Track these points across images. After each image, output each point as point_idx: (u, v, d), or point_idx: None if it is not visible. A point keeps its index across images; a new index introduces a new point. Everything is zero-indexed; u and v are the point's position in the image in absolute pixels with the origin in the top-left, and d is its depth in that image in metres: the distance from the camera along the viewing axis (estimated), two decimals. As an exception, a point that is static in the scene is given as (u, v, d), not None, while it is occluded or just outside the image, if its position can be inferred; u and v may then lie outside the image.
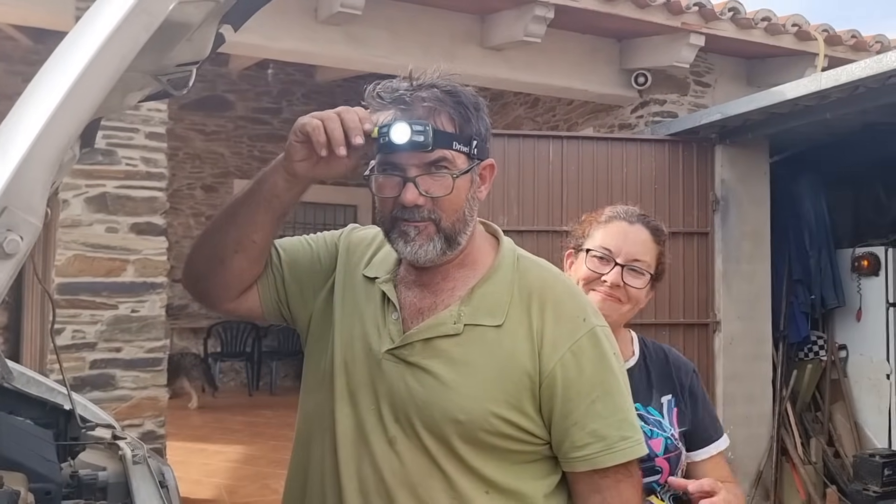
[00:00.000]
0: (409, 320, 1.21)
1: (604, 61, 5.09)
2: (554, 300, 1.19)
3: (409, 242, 1.17)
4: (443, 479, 1.15)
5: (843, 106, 4.05)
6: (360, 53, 4.60)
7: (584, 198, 4.70)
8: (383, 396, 1.18)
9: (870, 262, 5.23)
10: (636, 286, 1.48)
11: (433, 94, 1.16)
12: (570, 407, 1.15)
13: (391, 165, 1.16)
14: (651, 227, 1.53)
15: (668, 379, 1.51)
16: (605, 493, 1.16)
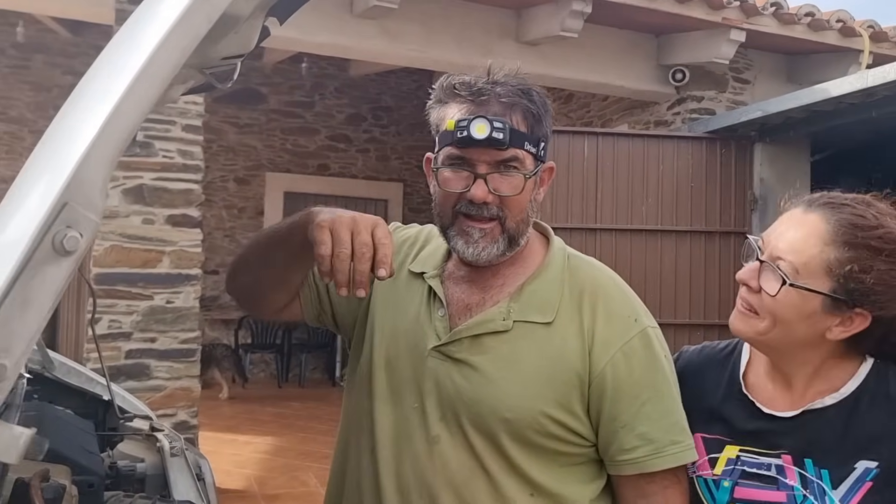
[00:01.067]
0: (456, 316, 1.19)
1: (641, 57, 5.02)
2: (605, 299, 1.17)
3: (470, 244, 1.15)
4: (487, 479, 1.13)
5: (889, 104, 3.95)
6: (394, 48, 4.59)
7: (619, 195, 4.65)
8: (429, 394, 1.17)
9: (913, 265, 5.10)
10: (767, 289, 1.08)
11: (509, 91, 1.14)
12: (620, 408, 1.12)
13: (460, 160, 1.14)
14: (837, 219, 1.06)
15: (884, 441, 1.05)
16: (650, 498, 1.13)
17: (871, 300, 1.05)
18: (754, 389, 1.16)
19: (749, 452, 1.12)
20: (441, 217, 1.19)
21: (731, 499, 1.11)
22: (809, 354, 1.11)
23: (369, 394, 1.22)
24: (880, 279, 1.04)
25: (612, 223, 4.63)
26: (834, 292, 1.05)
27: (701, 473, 1.15)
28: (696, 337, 4.40)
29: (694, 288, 4.65)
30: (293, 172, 8.30)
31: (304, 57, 7.33)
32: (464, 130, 1.09)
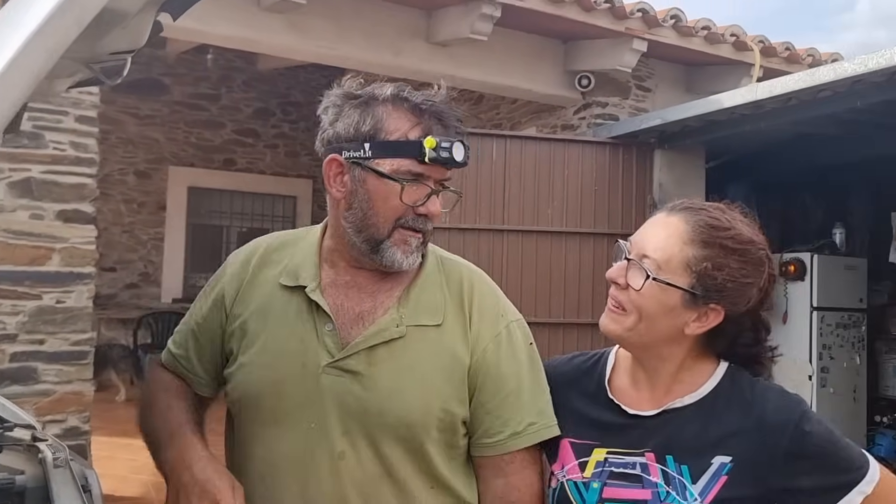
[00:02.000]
0: (347, 326, 1.19)
1: (549, 62, 5.13)
2: (479, 297, 1.24)
3: (408, 254, 1.18)
4: (394, 483, 1.16)
5: (776, 116, 4.19)
6: (303, 43, 4.51)
7: (527, 197, 4.74)
8: (328, 412, 1.16)
9: (796, 268, 5.43)
10: (633, 285, 1.15)
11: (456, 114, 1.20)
12: (487, 397, 1.20)
13: (421, 176, 1.16)
14: (693, 222, 1.15)
15: (737, 437, 1.12)
16: (509, 477, 1.21)
17: (724, 296, 1.13)
18: (619, 393, 1.23)
19: (616, 454, 1.18)
20: (375, 228, 1.17)
21: (600, 499, 1.16)
22: (671, 350, 1.19)
23: (255, 420, 1.20)
24: (731, 276, 1.13)
25: (519, 224, 4.71)
26: (692, 287, 1.13)
27: (571, 477, 1.20)
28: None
29: (597, 288, 4.78)
30: (198, 167, 8.05)
31: (209, 48, 7.11)
32: (446, 151, 1.14)
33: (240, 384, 1.23)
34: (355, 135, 1.17)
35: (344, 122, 1.19)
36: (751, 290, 1.15)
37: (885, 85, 3.57)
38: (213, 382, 1.32)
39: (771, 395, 1.16)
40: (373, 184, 1.16)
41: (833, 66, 3.71)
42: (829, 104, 3.91)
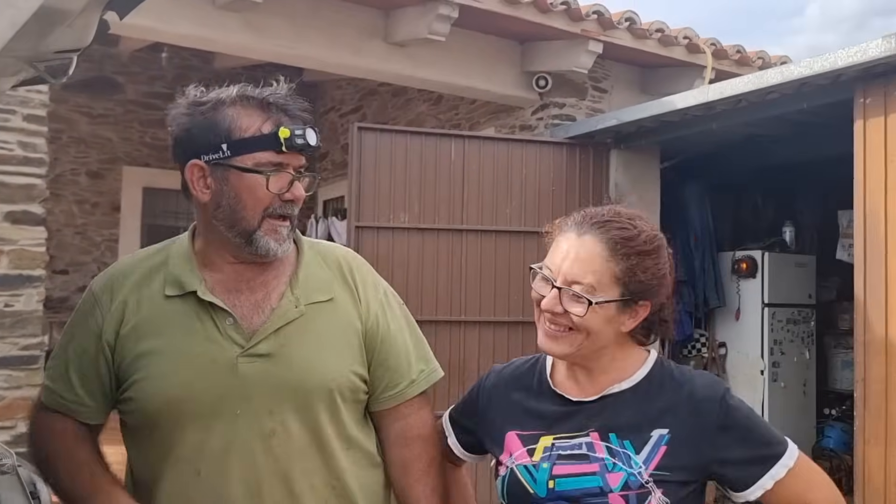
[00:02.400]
0: (248, 317, 1.28)
1: (506, 63, 5.17)
2: (358, 268, 1.40)
3: (280, 241, 1.27)
4: (320, 449, 1.28)
5: (727, 117, 4.28)
6: (261, 42, 4.47)
7: (485, 197, 4.76)
8: (250, 397, 1.24)
9: (748, 265, 5.57)
10: (576, 312, 1.22)
11: (303, 106, 1.30)
12: (385, 356, 1.36)
13: (281, 165, 1.25)
14: (609, 237, 1.23)
15: (671, 413, 1.24)
16: (408, 419, 1.39)
17: (649, 292, 1.27)
18: (561, 386, 1.34)
19: (561, 438, 1.28)
20: (245, 221, 1.26)
21: (551, 477, 1.25)
22: (611, 350, 1.31)
23: (175, 426, 1.24)
24: (652, 275, 1.26)
25: (478, 224, 4.73)
26: (623, 296, 1.24)
27: (520, 462, 1.29)
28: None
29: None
30: (153, 167, 7.89)
31: (164, 47, 6.98)
32: (300, 138, 1.23)
33: (150, 397, 1.25)
34: (211, 138, 1.25)
35: (198, 129, 1.26)
36: (667, 278, 1.29)
37: (830, 87, 3.68)
38: (103, 409, 1.34)
39: (696, 376, 1.32)
40: (237, 180, 1.24)
41: (780, 69, 3.81)
42: (777, 106, 4.02)
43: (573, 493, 1.22)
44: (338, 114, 8.22)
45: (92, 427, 1.34)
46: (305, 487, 1.26)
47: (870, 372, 3.43)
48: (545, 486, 1.24)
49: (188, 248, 1.32)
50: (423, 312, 4.41)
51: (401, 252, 4.54)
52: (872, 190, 3.47)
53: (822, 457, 5.50)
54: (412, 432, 1.39)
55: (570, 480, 1.23)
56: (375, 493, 1.37)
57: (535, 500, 1.24)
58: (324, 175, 8.40)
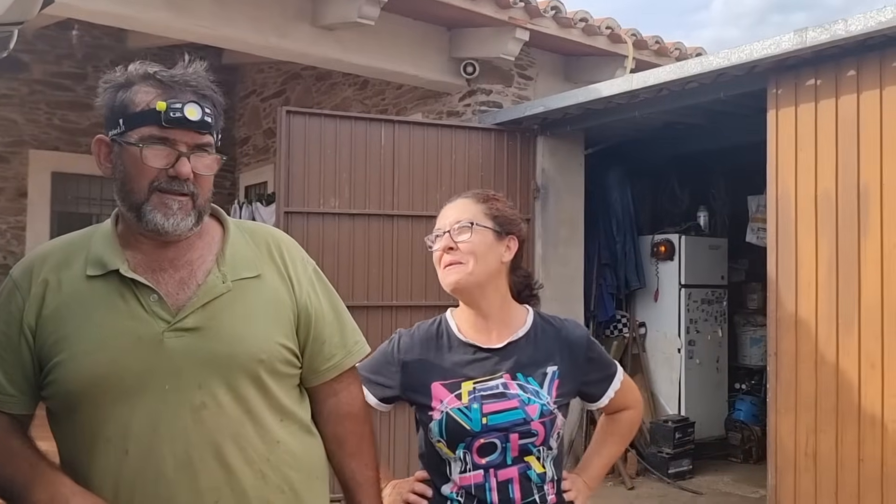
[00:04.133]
0: (173, 294, 1.28)
1: (434, 48, 5.18)
2: (286, 247, 1.44)
3: (169, 216, 1.26)
4: (252, 421, 1.30)
5: (648, 106, 4.45)
6: (182, 22, 4.33)
7: (415, 182, 4.78)
8: (179, 371, 1.25)
9: (666, 248, 5.80)
10: (464, 238, 1.58)
11: (201, 84, 1.28)
12: (321, 329, 1.41)
13: (163, 140, 1.24)
14: (472, 194, 1.67)
15: (555, 352, 1.61)
16: (339, 395, 1.45)
17: (512, 226, 1.64)
18: (469, 337, 1.63)
19: (480, 382, 1.57)
20: (134, 194, 1.27)
21: (483, 414, 1.53)
22: (496, 284, 1.62)
23: (101, 405, 1.23)
24: (509, 213, 1.65)
25: (408, 210, 4.75)
26: (495, 227, 1.61)
27: (453, 406, 1.54)
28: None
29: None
30: (62, 150, 7.52)
31: (74, 24, 6.65)
32: (177, 112, 1.22)
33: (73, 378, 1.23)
34: (112, 114, 1.27)
35: (106, 106, 1.29)
36: (519, 222, 1.68)
37: (744, 78, 3.88)
38: (28, 398, 1.30)
39: (567, 322, 1.70)
40: (126, 154, 1.26)
41: (700, 60, 3.99)
42: (695, 95, 4.20)
43: (504, 425, 1.52)
44: (259, 98, 8.04)
45: (20, 418, 1.30)
46: (239, 460, 1.27)
47: (781, 346, 3.66)
48: (479, 422, 1.52)
49: (111, 230, 1.32)
50: (355, 297, 4.41)
51: (331, 237, 4.52)
52: (784, 176, 3.68)
53: (734, 428, 5.83)
54: (343, 409, 1.45)
55: (500, 416, 1.52)
56: (314, 462, 1.41)
57: (472, 434, 1.52)
58: (245, 160, 8.21)
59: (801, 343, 3.58)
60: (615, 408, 1.72)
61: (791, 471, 3.59)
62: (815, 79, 3.57)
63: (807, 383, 3.55)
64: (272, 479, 1.31)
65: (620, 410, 1.73)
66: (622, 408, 1.73)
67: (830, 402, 3.46)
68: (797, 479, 3.57)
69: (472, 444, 1.53)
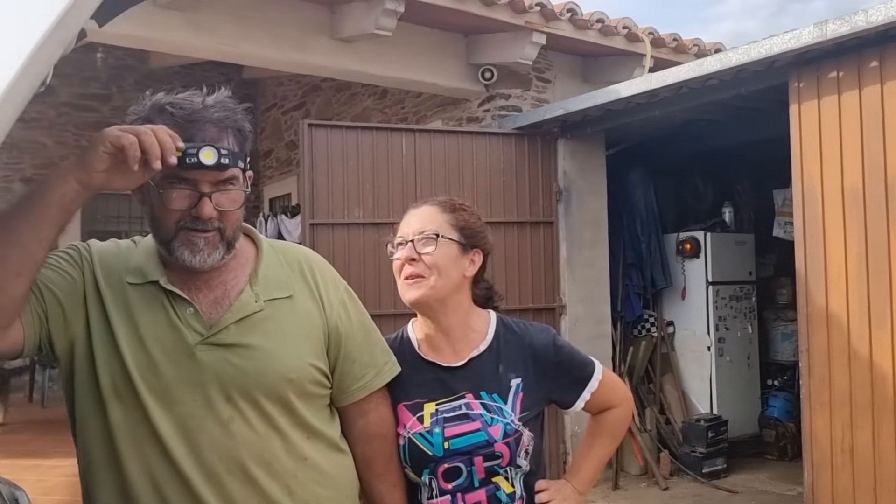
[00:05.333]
0: (207, 311, 1.31)
1: (452, 56, 5.21)
2: (317, 267, 1.45)
3: (196, 252, 1.28)
4: (280, 437, 1.31)
5: (669, 104, 4.43)
6: (204, 41, 4.40)
7: (437, 190, 4.79)
8: (209, 384, 1.27)
9: (692, 246, 5.76)
10: (427, 251, 1.52)
11: (221, 115, 1.28)
12: (350, 348, 1.42)
13: (184, 180, 1.25)
14: (438, 202, 1.60)
15: (519, 362, 1.56)
16: (368, 415, 1.46)
17: (477, 240, 1.58)
18: (429, 356, 1.58)
19: (442, 403, 1.53)
20: (164, 232, 1.29)
21: (445, 438, 1.49)
22: (459, 299, 1.58)
23: (136, 406, 1.26)
24: (475, 224, 1.59)
25: (431, 217, 4.76)
26: (460, 239, 1.56)
27: (415, 431, 1.51)
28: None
29: (509, 275, 4.93)
30: (90, 171, 7.67)
31: (98, 46, 6.79)
32: (192, 157, 1.21)
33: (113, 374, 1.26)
34: None
35: None
36: (487, 235, 1.62)
37: (765, 73, 3.85)
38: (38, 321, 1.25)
39: (531, 328, 1.63)
40: (152, 193, 1.27)
41: (719, 57, 3.96)
42: (716, 92, 4.18)
43: (466, 449, 1.49)
44: (280, 111, 8.12)
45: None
46: (265, 475, 1.29)
47: (813, 342, 3.62)
48: (441, 447, 1.49)
49: (154, 245, 1.34)
50: (382, 306, 4.43)
51: (356, 247, 4.55)
52: (809, 170, 3.65)
53: (767, 425, 5.76)
54: (373, 429, 1.46)
55: (462, 439, 1.49)
56: (344, 481, 1.42)
57: (434, 460, 1.49)
58: (269, 173, 8.30)
59: (834, 338, 3.54)
60: (599, 408, 1.64)
61: (828, 467, 3.55)
62: (837, 71, 3.53)
63: (841, 378, 3.50)
64: (299, 496, 1.32)
65: (606, 410, 1.65)
66: (607, 407, 1.65)
67: (865, 396, 3.41)
68: (834, 475, 3.53)
69: (437, 469, 1.49)
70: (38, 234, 1.16)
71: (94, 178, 1.16)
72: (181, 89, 1.35)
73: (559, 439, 5.05)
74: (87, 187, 1.17)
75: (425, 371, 1.56)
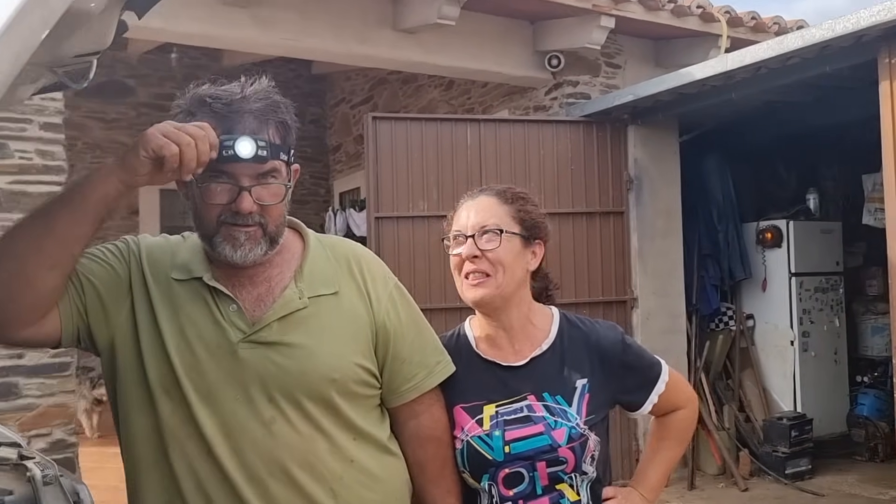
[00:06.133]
0: (250, 308, 1.28)
1: (517, 43, 5.10)
2: (366, 263, 1.39)
3: (237, 247, 1.24)
4: (324, 438, 1.27)
5: (746, 86, 4.21)
6: (269, 37, 4.44)
7: (503, 180, 4.68)
8: (251, 383, 1.24)
9: (773, 235, 5.49)
10: (491, 247, 1.44)
11: (262, 106, 1.24)
12: (400, 347, 1.36)
13: (224, 174, 1.22)
14: (496, 192, 1.51)
15: (585, 361, 1.48)
16: (420, 417, 1.40)
17: (539, 231, 1.51)
18: (489, 354, 1.50)
19: (503, 405, 1.44)
20: (206, 227, 1.26)
21: (505, 442, 1.41)
22: (521, 294, 1.50)
23: (181, 402, 1.24)
24: (536, 214, 1.51)
25: (497, 208, 4.69)
26: (522, 233, 1.48)
27: (474, 434, 1.43)
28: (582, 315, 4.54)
29: (578, 268, 4.80)
30: (168, 168, 7.92)
31: (172, 47, 6.97)
32: (229, 150, 1.18)
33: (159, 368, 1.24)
34: None
35: None
36: (546, 224, 1.54)
37: (852, 49, 3.59)
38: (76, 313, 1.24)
39: (598, 325, 1.55)
40: (193, 188, 1.24)
41: (801, 33, 3.73)
42: (797, 71, 3.94)
43: (528, 453, 1.40)
44: (348, 105, 8.18)
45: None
46: (309, 477, 1.25)
47: (906, 337, 3.37)
48: (502, 451, 1.40)
49: (199, 243, 1.32)
50: (448, 300, 4.39)
51: (422, 241, 4.51)
52: (901, 152, 3.39)
53: (857, 425, 5.44)
54: (425, 432, 1.40)
55: (523, 443, 1.41)
56: (395, 484, 1.37)
57: (495, 465, 1.41)
58: (338, 167, 8.38)
59: (930, 333, 3.28)
60: (665, 410, 1.56)
61: (924, 472, 3.30)
62: (933, 44, 3.26)
63: (938, 377, 3.25)
64: (344, 499, 1.28)
65: (671, 412, 1.58)
66: (673, 409, 1.57)
67: (967, 396, 3.15)
68: (931, 481, 3.27)
69: (497, 474, 1.41)
70: (76, 229, 1.16)
71: (136, 180, 1.17)
72: (223, 81, 1.33)
73: (631, 436, 4.89)
74: (130, 188, 1.18)
75: (484, 371, 1.49)
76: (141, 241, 1.35)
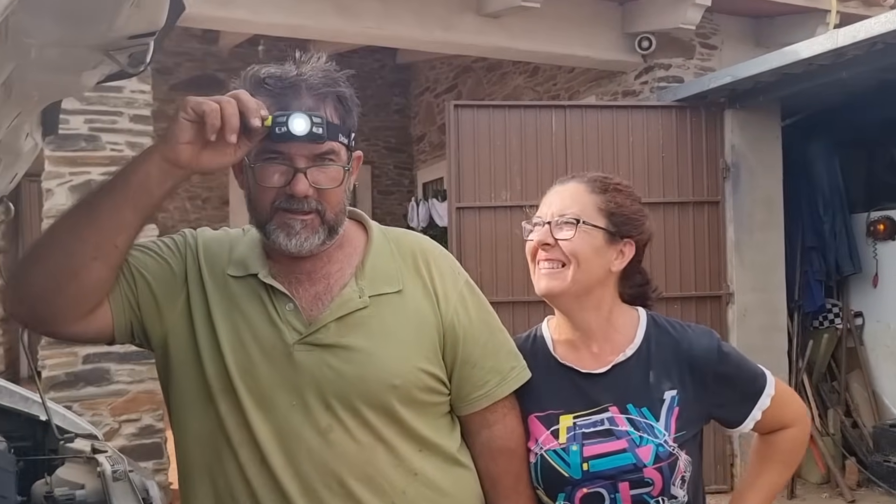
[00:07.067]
0: (308, 308, 1.20)
1: (606, 25, 4.89)
2: (434, 258, 1.29)
3: (292, 236, 1.16)
4: (385, 449, 1.18)
5: (859, 64, 3.88)
6: (352, 25, 4.42)
7: (590, 169, 4.45)
8: (306, 388, 1.16)
9: (886, 226, 5.09)
10: (565, 237, 1.31)
11: (320, 83, 1.16)
12: (469, 350, 1.25)
13: (278, 154, 1.14)
14: (588, 179, 1.38)
15: (674, 371, 1.33)
16: (493, 427, 1.28)
17: (631, 228, 1.36)
18: (567, 359, 1.36)
19: (581, 416, 1.31)
20: (259, 213, 1.18)
21: (583, 458, 1.28)
22: (602, 294, 1.36)
23: (235, 406, 1.16)
24: (630, 210, 1.36)
25: (583, 198, 4.52)
26: (608, 227, 1.34)
27: (549, 447, 1.30)
28: (673, 310, 4.33)
29: (669, 261, 4.57)
30: (256, 160, 8.10)
31: (260, 40, 7.09)
32: (282, 126, 1.09)
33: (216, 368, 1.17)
34: None
35: None
36: (644, 222, 1.38)
37: (985, 20, 3.24)
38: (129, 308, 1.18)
39: (690, 330, 1.39)
40: (248, 171, 1.18)
41: (924, 4, 3.39)
42: (919, 46, 3.59)
43: (609, 472, 1.27)
44: (433, 94, 8.13)
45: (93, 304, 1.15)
46: (368, 492, 1.17)
47: None
48: (579, 468, 1.28)
49: (258, 237, 1.25)
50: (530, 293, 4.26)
51: (504, 231, 4.39)
52: None
53: (981, 435, 4.98)
54: (497, 443, 1.29)
55: (604, 461, 1.27)
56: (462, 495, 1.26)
57: (571, 483, 1.28)
58: (422, 157, 8.35)
59: None
60: (770, 428, 1.39)
61: None
62: None
63: None
64: None
65: (778, 430, 1.40)
66: (780, 427, 1.39)
67: None
68: None
69: (574, 494, 1.28)
70: (118, 217, 1.09)
71: (178, 150, 1.08)
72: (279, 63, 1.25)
73: (725, 439, 4.63)
74: (174, 164, 1.08)
75: (561, 377, 1.36)
76: (199, 235, 1.29)
